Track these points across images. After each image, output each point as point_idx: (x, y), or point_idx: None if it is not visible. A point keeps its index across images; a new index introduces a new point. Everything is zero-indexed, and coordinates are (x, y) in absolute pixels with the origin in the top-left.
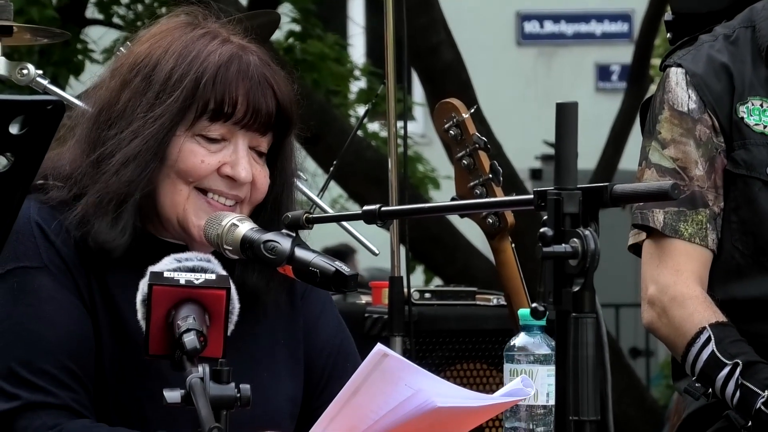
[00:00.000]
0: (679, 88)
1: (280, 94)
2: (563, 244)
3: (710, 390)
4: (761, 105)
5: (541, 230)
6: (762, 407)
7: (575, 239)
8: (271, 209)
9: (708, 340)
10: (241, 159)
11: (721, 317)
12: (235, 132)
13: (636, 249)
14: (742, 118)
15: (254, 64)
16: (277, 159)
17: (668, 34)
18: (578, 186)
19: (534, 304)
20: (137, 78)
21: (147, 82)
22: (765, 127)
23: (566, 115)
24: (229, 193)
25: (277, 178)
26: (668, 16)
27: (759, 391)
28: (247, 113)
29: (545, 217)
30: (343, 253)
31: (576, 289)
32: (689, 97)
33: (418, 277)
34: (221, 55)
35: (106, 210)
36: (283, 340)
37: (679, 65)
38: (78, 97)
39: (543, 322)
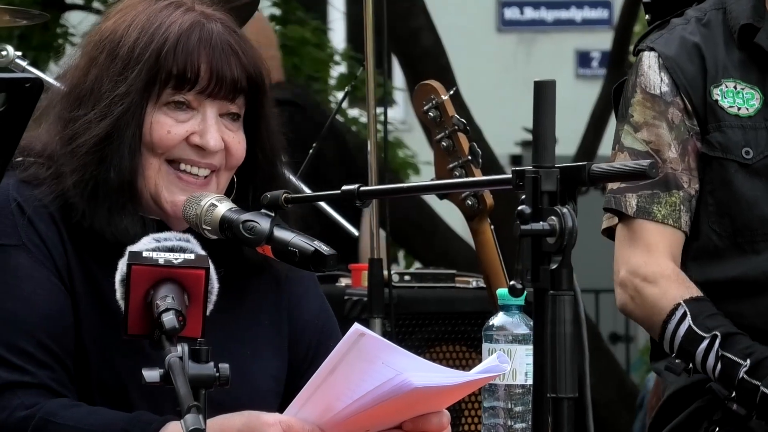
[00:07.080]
0: (652, 72)
1: (246, 60)
2: (541, 222)
3: (691, 365)
4: (735, 87)
5: (519, 208)
6: (745, 376)
7: (553, 217)
8: (265, 182)
9: (684, 315)
10: (209, 127)
11: (696, 292)
12: (202, 101)
13: (610, 232)
14: (717, 100)
15: (217, 32)
16: (259, 128)
17: (647, 16)
18: (556, 165)
19: (512, 282)
20: (102, 54)
21: (112, 58)
22: (739, 109)
23: (544, 93)
24: (202, 161)
25: (265, 147)
26: None
27: (740, 361)
28: (211, 81)
29: (523, 196)
30: None
31: (554, 266)
32: (662, 80)
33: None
34: (182, 23)
35: (104, 198)
36: (266, 320)
37: (651, 49)
38: (56, 78)
39: (521, 302)
